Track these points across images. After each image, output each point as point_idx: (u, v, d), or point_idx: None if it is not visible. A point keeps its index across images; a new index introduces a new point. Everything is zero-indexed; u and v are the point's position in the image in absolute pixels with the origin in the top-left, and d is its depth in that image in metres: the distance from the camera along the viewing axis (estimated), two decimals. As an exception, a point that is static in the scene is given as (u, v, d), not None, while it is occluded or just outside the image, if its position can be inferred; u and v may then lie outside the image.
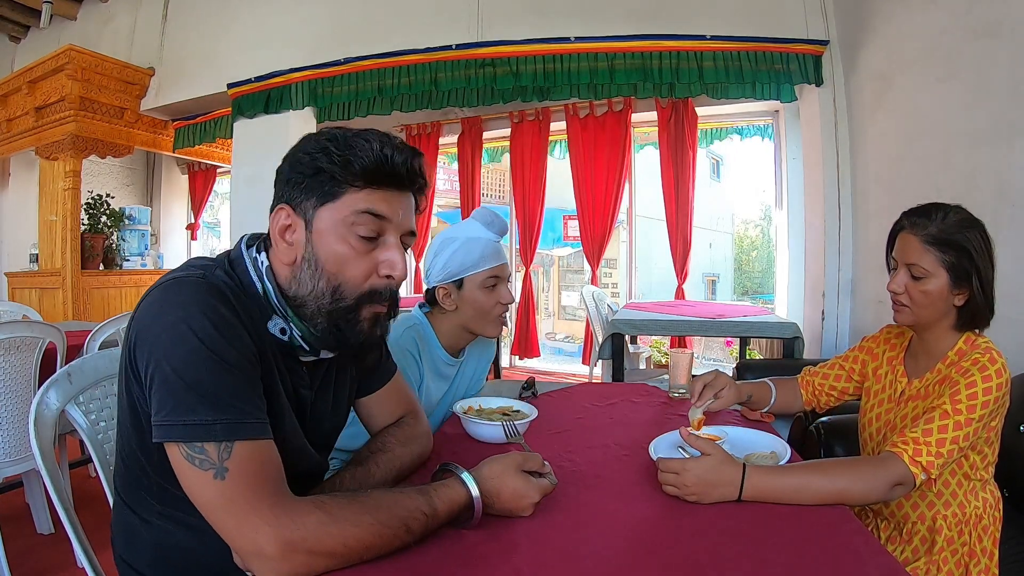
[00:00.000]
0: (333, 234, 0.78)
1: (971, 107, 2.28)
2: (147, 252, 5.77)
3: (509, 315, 5.04)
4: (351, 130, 0.81)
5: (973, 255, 1.06)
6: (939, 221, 1.07)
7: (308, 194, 0.78)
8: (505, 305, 1.35)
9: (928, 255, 1.07)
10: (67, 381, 0.96)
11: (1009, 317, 1.95)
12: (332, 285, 0.79)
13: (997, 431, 1.07)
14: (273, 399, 0.79)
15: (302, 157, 0.79)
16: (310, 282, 0.79)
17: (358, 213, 0.78)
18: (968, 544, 1.07)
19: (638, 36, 3.60)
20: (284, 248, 0.80)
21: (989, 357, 1.02)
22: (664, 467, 0.90)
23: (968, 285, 1.06)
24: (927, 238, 1.07)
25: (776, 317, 3.38)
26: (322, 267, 0.78)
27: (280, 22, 4.44)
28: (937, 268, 1.07)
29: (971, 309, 1.08)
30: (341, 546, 0.66)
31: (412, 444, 0.98)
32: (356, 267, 0.79)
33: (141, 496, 0.80)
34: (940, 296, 1.07)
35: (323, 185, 0.78)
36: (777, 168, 4.33)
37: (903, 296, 1.10)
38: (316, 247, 0.78)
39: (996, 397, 0.99)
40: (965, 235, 1.06)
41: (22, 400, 1.96)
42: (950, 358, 1.09)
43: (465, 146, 5.13)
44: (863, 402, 1.28)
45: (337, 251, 0.78)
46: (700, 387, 1.23)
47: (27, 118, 5.10)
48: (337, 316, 0.79)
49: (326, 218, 0.78)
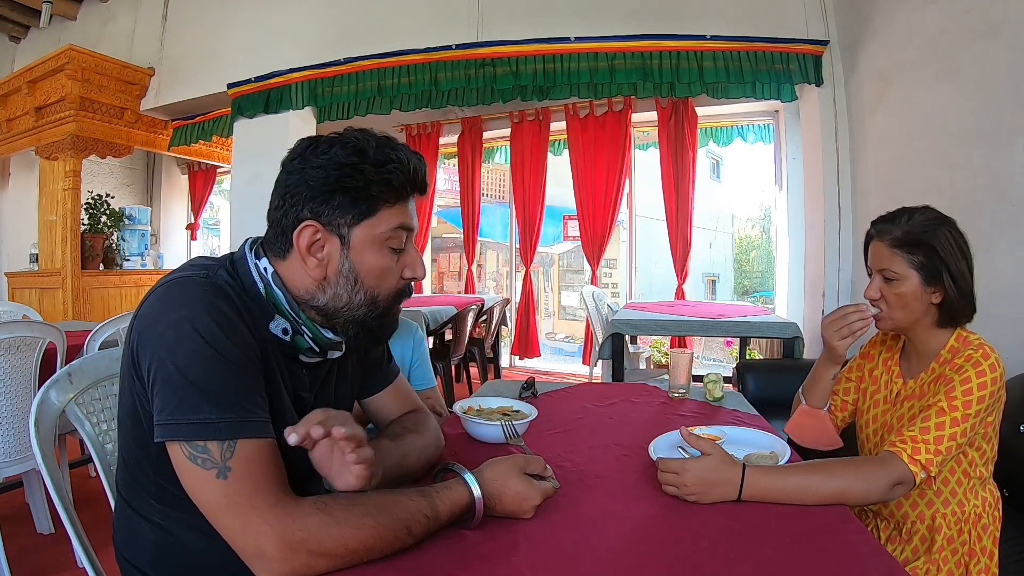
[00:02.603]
0: (371, 250, 0.81)
1: (971, 107, 2.28)
2: (147, 252, 5.77)
3: (509, 315, 5.05)
4: (370, 138, 0.81)
5: (940, 252, 1.07)
6: (903, 224, 1.10)
7: (343, 212, 0.79)
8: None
9: (896, 258, 1.09)
10: (67, 381, 0.96)
11: (1009, 317, 1.96)
12: (371, 296, 0.82)
13: (995, 427, 1.08)
14: (275, 399, 0.79)
15: (328, 173, 0.78)
16: (347, 295, 0.81)
17: (394, 230, 0.81)
18: (968, 543, 1.07)
19: (638, 36, 3.60)
20: (313, 264, 0.80)
21: (982, 353, 1.02)
22: (664, 467, 0.90)
23: (940, 282, 1.08)
24: (892, 241, 1.10)
25: (776, 317, 3.38)
26: (362, 281, 0.81)
27: (280, 22, 4.44)
28: (907, 269, 1.08)
29: (948, 305, 1.09)
30: (342, 548, 0.66)
31: (425, 434, 0.98)
32: (392, 277, 0.84)
33: (142, 496, 0.80)
34: (915, 297, 1.09)
35: (359, 203, 0.79)
36: (777, 168, 4.33)
37: (880, 302, 1.12)
38: (355, 263, 0.80)
39: (991, 392, 0.99)
40: (931, 234, 1.08)
41: (22, 400, 1.96)
42: (943, 356, 1.10)
43: (465, 146, 5.14)
44: (860, 404, 1.28)
45: (377, 265, 0.81)
46: None
47: (27, 118, 5.11)
48: (371, 322, 0.84)
49: (363, 235, 0.80)
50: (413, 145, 5.17)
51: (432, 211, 5.51)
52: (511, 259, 5.42)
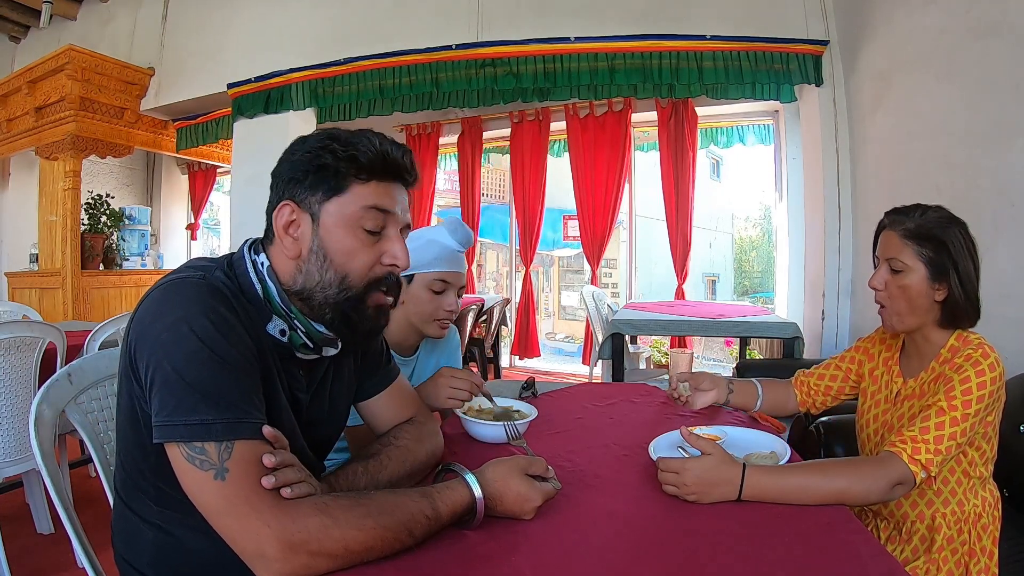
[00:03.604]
0: (341, 227, 0.81)
1: (971, 107, 2.28)
2: (147, 252, 5.77)
3: (509, 315, 5.05)
4: (347, 130, 0.84)
5: (951, 249, 1.08)
6: (918, 217, 1.11)
7: (313, 189, 0.81)
8: (449, 312, 1.36)
9: (907, 249, 1.10)
10: (67, 381, 0.96)
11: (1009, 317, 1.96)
12: (340, 275, 0.81)
13: (994, 426, 1.08)
14: (272, 400, 0.79)
15: (303, 156, 0.81)
16: (317, 273, 0.81)
17: (365, 208, 0.81)
18: (968, 543, 1.07)
19: (638, 36, 3.60)
20: (289, 243, 0.82)
21: (982, 352, 1.03)
22: (664, 467, 0.90)
23: (947, 280, 1.08)
24: (905, 232, 1.10)
25: (776, 317, 3.38)
26: (330, 259, 0.81)
27: (280, 22, 4.44)
28: (915, 262, 1.09)
29: (952, 305, 1.09)
30: (343, 549, 0.66)
31: (425, 441, 0.97)
32: (362, 258, 0.82)
33: (140, 497, 0.80)
34: (919, 292, 1.09)
35: (328, 180, 0.80)
36: (777, 168, 4.33)
37: (883, 293, 1.12)
38: (324, 240, 0.81)
39: (991, 391, 0.99)
40: (943, 230, 1.08)
41: (22, 400, 1.96)
42: (943, 356, 1.10)
43: (465, 146, 5.14)
44: (860, 403, 1.29)
45: (345, 243, 0.81)
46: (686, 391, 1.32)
47: (27, 118, 5.11)
48: (345, 305, 0.82)
49: (333, 212, 0.81)
50: (413, 145, 5.19)
51: (432, 211, 5.50)
52: (511, 259, 5.42)
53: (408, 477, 0.90)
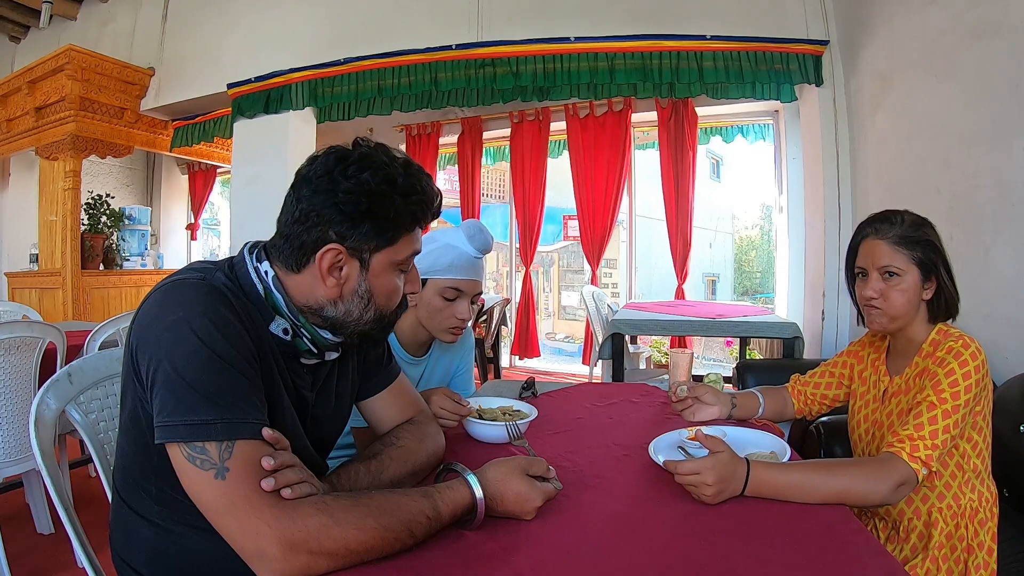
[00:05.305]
0: (387, 274, 0.84)
1: (971, 107, 2.28)
2: (147, 252, 5.77)
3: (509, 315, 5.05)
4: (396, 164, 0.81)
5: (936, 248, 1.13)
6: (899, 224, 1.14)
7: (368, 239, 0.80)
8: (461, 320, 1.31)
9: (899, 254, 1.13)
10: (67, 381, 0.96)
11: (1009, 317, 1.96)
12: (379, 314, 0.86)
13: (984, 416, 1.09)
14: (275, 399, 0.79)
15: (360, 200, 0.77)
16: (358, 311, 0.84)
17: (409, 256, 0.86)
18: (966, 539, 1.07)
19: (638, 36, 3.60)
20: (332, 283, 0.80)
21: (962, 343, 1.05)
22: (681, 470, 0.88)
23: (935, 276, 1.13)
24: (894, 239, 1.13)
25: (776, 317, 3.38)
26: (375, 302, 0.84)
27: (280, 22, 4.44)
28: (908, 265, 1.13)
29: (941, 298, 1.14)
30: (343, 548, 0.66)
31: (426, 441, 0.97)
32: (399, 296, 0.88)
33: (140, 497, 0.80)
34: (915, 293, 1.13)
35: (384, 231, 0.81)
36: (777, 168, 4.33)
37: (878, 300, 1.15)
38: (372, 285, 0.83)
39: (977, 380, 1.02)
40: (924, 231, 1.14)
41: (22, 400, 1.96)
42: (925, 350, 1.13)
43: (465, 146, 5.13)
44: (851, 404, 1.30)
45: (390, 288, 0.85)
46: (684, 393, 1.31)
47: (27, 118, 5.10)
48: (376, 332, 0.88)
49: (383, 260, 0.83)
50: (413, 145, 5.19)
51: (432, 211, 5.49)
52: (511, 259, 5.42)
53: (410, 477, 0.90)
